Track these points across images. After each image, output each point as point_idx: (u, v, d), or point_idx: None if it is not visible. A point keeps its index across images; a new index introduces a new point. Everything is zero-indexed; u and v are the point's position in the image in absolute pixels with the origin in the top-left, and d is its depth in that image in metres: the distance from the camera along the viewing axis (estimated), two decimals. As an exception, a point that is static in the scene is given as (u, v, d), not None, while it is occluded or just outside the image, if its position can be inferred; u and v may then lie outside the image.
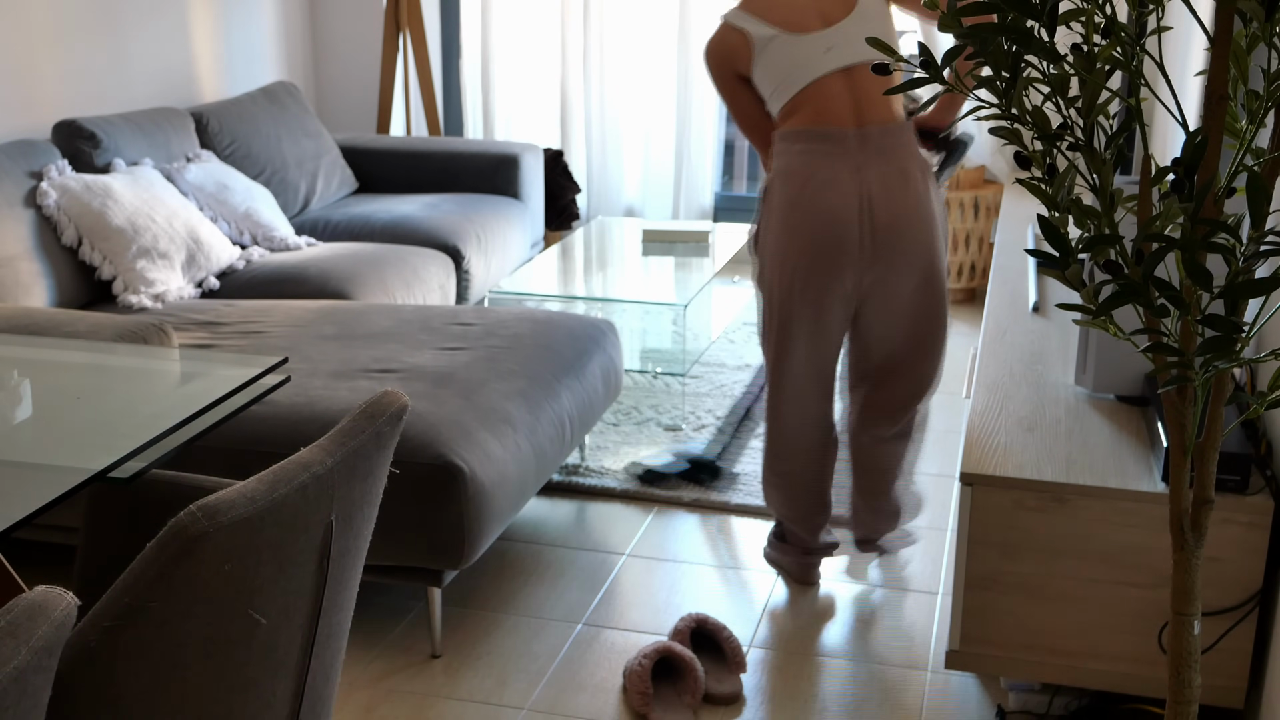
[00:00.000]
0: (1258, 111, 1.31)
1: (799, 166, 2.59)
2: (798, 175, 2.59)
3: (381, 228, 4.32)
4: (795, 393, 2.74)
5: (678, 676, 2.53)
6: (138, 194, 3.62)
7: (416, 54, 5.29)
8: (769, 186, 2.67)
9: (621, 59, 5.58)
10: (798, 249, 2.60)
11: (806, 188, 2.58)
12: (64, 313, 2.79)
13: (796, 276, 2.62)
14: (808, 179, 2.58)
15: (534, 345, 3.07)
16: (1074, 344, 2.77)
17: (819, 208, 2.56)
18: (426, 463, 2.49)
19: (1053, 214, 1.35)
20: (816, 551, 2.91)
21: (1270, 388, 1.31)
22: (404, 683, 2.55)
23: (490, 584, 2.93)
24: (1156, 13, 1.32)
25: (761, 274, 2.71)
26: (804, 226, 2.58)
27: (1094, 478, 2.20)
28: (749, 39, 2.62)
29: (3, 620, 1.04)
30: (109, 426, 1.92)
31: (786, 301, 2.65)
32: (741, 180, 6.20)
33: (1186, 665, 1.47)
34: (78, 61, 4.10)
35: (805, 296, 2.63)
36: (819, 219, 2.57)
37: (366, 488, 1.54)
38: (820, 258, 2.59)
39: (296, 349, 2.99)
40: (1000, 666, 2.31)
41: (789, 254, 2.61)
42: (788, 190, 2.60)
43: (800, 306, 2.64)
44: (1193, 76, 3.05)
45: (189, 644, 1.32)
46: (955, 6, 1.31)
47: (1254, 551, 2.13)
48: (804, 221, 2.58)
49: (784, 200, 2.61)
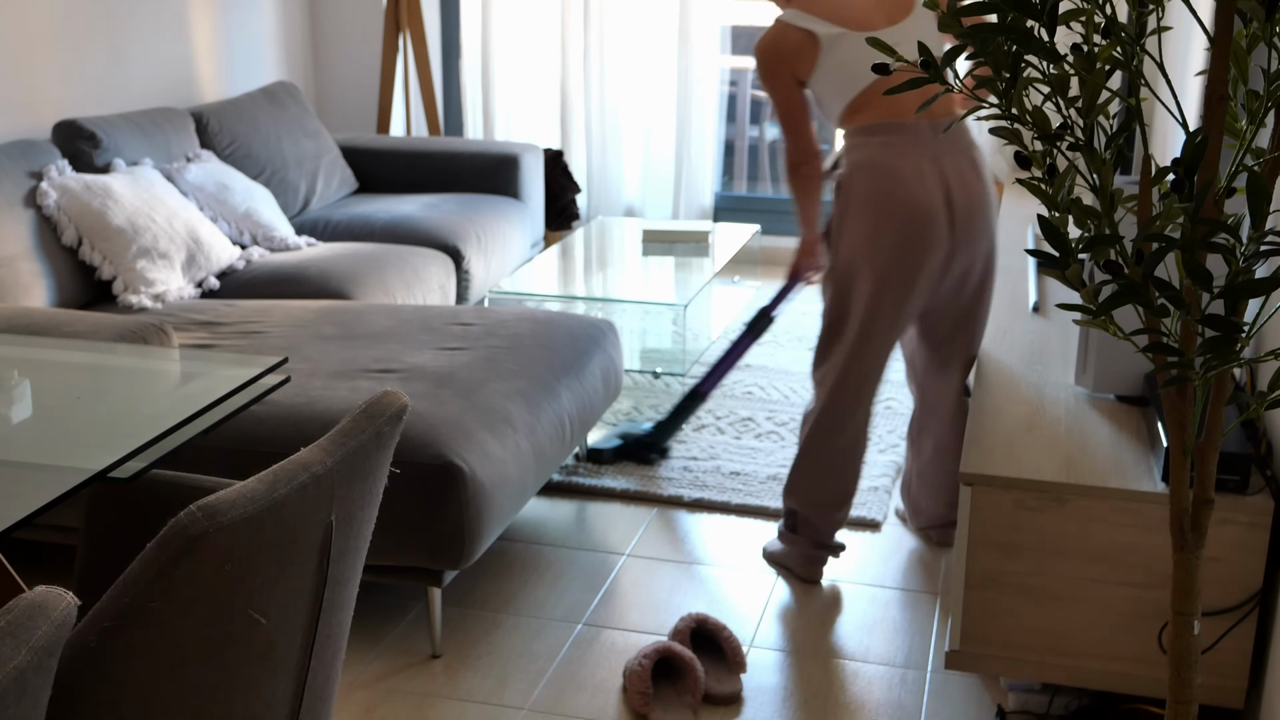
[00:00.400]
0: (1258, 111, 1.31)
1: (882, 159, 2.68)
2: (882, 167, 2.68)
3: (381, 228, 4.32)
4: (869, 371, 2.79)
5: (678, 676, 2.53)
6: (138, 194, 3.62)
7: (416, 54, 5.29)
8: (847, 181, 2.72)
9: (621, 59, 5.58)
10: (893, 237, 2.68)
11: (894, 179, 2.67)
12: (64, 313, 2.79)
13: (891, 262, 2.69)
14: (893, 170, 2.67)
15: (534, 345, 3.07)
16: (1074, 344, 2.77)
17: (910, 197, 2.66)
18: (426, 463, 2.49)
19: (1053, 214, 1.35)
20: (827, 547, 2.93)
21: (1270, 388, 1.31)
22: (404, 683, 2.55)
23: (490, 584, 2.93)
24: (1156, 13, 1.32)
25: (838, 263, 2.75)
26: (899, 215, 2.67)
27: (1094, 478, 2.20)
28: (816, 38, 2.68)
29: (3, 620, 1.04)
30: (109, 426, 1.92)
31: (878, 286, 2.71)
32: (741, 180, 6.19)
33: (1186, 665, 1.48)
34: (78, 61, 4.10)
35: (899, 280, 2.70)
36: (911, 207, 2.67)
37: (366, 488, 1.54)
38: (915, 243, 2.68)
39: (296, 349, 2.99)
40: (1000, 666, 2.31)
41: (883, 241, 2.68)
42: (875, 182, 2.68)
43: (893, 289, 2.71)
44: (1193, 76, 3.05)
45: (189, 644, 1.32)
46: (955, 6, 1.31)
47: (1254, 551, 2.13)
48: (899, 210, 2.67)
49: (873, 191, 2.69)
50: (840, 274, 2.76)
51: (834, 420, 2.84)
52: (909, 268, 2.69)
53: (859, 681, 2.57)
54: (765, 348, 4.53)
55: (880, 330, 2.75)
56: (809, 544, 2.93)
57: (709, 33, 5.50)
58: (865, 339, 2.75)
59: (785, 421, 3.83)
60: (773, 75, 2.75)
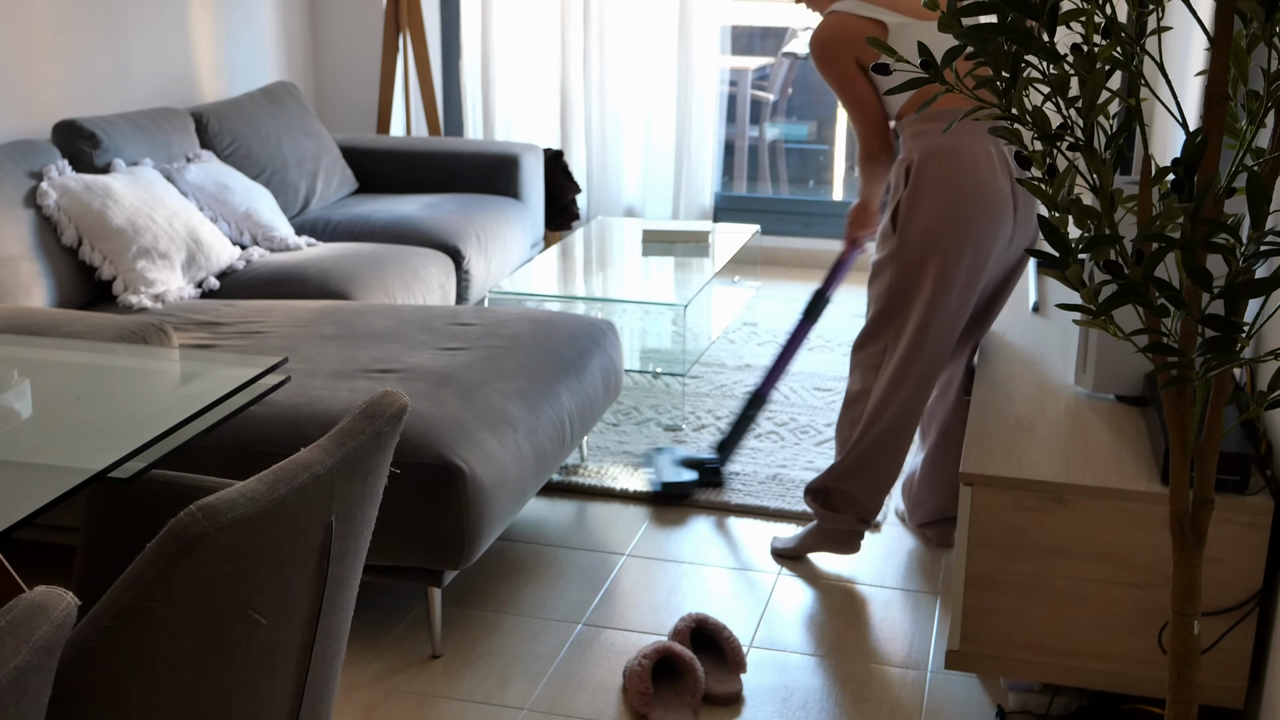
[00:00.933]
0: (1258, 111, 1.31)
1: (956, 145, 2.72)
2: (956, 152, 2.72)
3: (381, 228, 4.32)
4: (936, 351, 2.81)
5: (678, 676, 2.53)
6: (138, 194, 3.62)
7: (416, 54, 5.29)
8: (919, 166, 2.74)
9: (621, 59, 5.58)
10: (969, 219, 2.72)
11: (969, 163, 2.71)
12: (64, 313, 2.79)
13: (965, 243, 2.73)
14: (968, 155, 2.72)
15: (534, 345, 3.07)
16: (1074, 344, 2.77)
17: (984, 182, 2.72)
18: (426, 463, 2.49)
19: (1053, 214, 1.35)
20: (868, 523, 2.97)
21: (1270, 388, 1.31)
22: (404, 683, 2.55)
23: (490, 584, 2.93)
24: (1156, 13, 1.32)
25: (907, 245, 2.77)
26: (975, 198, 2.71)
27: (1094, 478, 2.20)
28: (885, 27, 2.73)
29: (3, 620, 1.04)
30: (109, 426, 1.92)
31: (950, 267, 2.74)
32: (741, 180, 6.19)
33: (1186, 665, 1.48)
34: (78, 61, 4.10)
35: (971, 261, 2.75)
36: (986, 191, 2.72)
37: (366, 488, 1.54)
38: (989, 226, 2.73)
39: (296, 349, 2.99)
40: (1000, 666, 2.31)
41: (959, 224, 2.72)
42: (950, 167, 2.72)
43: (965, 269, 2.75)
44: (1193, 76, 3.05)
45: (189, 644, 1.32)
46: (955, 6, 1.31)
47: (1254, 551, 2.12)
48: (975, 194, 2.71)
49: (949, 175, 2.72)
50: (910, 255, 2.77)
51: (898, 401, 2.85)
52: (983, 250, 2.75)
53: (859, 681, 2.57)
54: (765, 348, 4.53)
55: (949, 311, 2.78)
56: (853, 520, 2.95)
57: (709, 33, 5.50)
58: (930, 320, 2.78)
59: (785, 422, 3.83)
60: (833, 65, 2.78)
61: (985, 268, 2.78)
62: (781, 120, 6.59)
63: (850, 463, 2.92)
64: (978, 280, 2.79)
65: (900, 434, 2.88)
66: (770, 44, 6.58)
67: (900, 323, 2.81)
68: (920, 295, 2.77)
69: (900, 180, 2.78)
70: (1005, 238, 2.78)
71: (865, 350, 2.89)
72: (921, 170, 2.74)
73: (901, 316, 2.81)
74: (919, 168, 2.74)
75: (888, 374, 2.84)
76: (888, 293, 2.82)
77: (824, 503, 2.97)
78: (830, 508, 2.96)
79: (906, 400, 2.84)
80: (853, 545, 2.98)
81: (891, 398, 2.84)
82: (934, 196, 2.73)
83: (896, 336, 2.82)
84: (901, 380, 2.83)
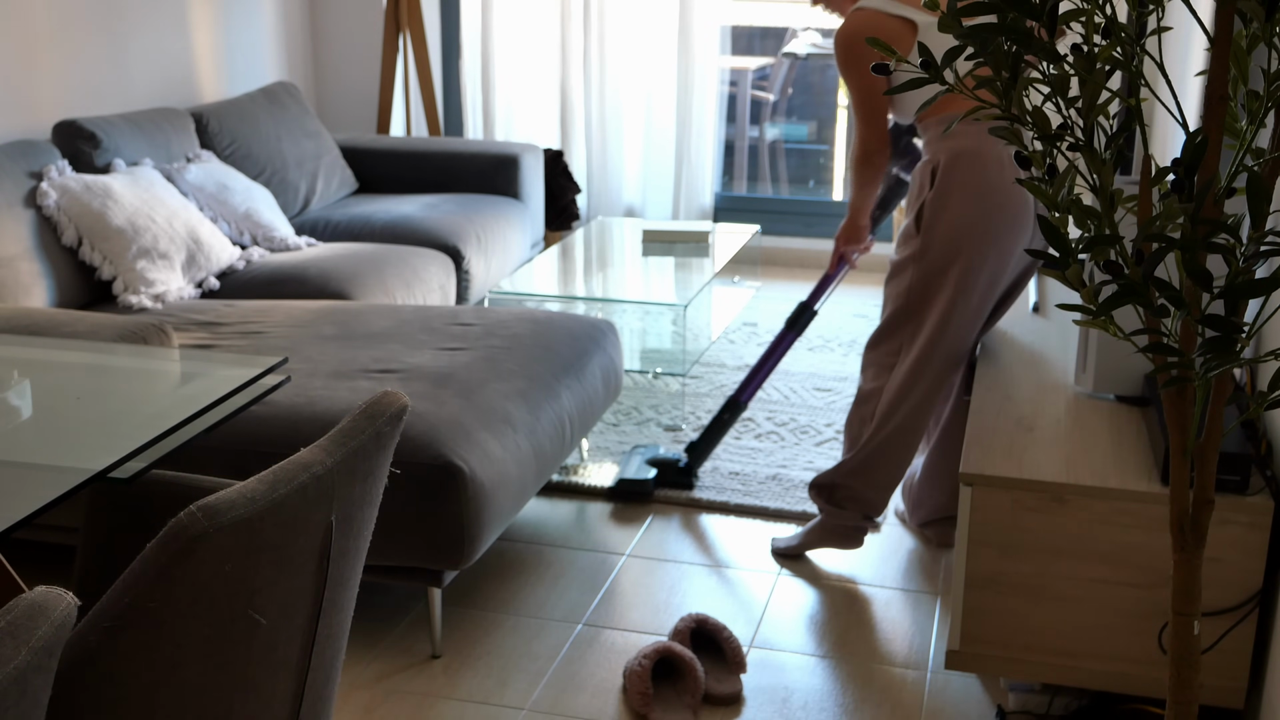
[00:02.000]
0: (1258, 111, 1.31)
1: (984, 147, 2.72)
2: (984, 155, 2.72)
3: (381, 228, 4.32)
4: (955, 352, 2.82)
5: (678, 677, 2.53)
6: (138, 194, 3.62)
7: (416, 54, 5.29)
8: (946, 168, 2.74)
9: (621, 59, 5.58)
10: (998, 220, 2.73)
11: (997, 165, 2.72)
12: (64, 313, 2.79)
13: (992, 244, 2.74)
14: (996, 158, 2.72)
15: (534, 345, 3.07)
16: (1074, 344, 2.77)
17: (1009, 184, 2.73)
18: (426, 463, 2.49)
19: (1053, 214, 1.35)
20: (871, 520, 2.99)
21: (1270, 388, 1.31)
22: (404, 683, 2.55)
23: (490, 584, 2.93)
24: (1156, 13, 1.32)
25: (933, 245, 2.76)
26: (1004, 200, 2.72)
27: (1094, 478, 2.20)
28: (914, 25, 2.72)
29: (3, 620, 1.04)
30: (109, 426, 1.92)
31: (975, 267, 2.75)
32: (741, 180, 6.20)
33: (1186, 665, 1.48)
34: (78, 61, 4.10)
35: (997, 261, 2.76)
36: (1011, 193, 2.73)
37: (366, 488, 1.54)
38: (1015, 227, 2.75)
39: (296, 349, 2.99)
40: (1000, 666, 2.31)
41: (989, 224, 2.73)
42: (979, 169, 2.72)
43: (990, 270, 2.76)
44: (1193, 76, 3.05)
45: (189, 644, 1.32)
46: (955, 6, 1.31)
47: (1254, 552, 2.12)
48: (1005, 196, 2.72)
49: (979, 177, 2.72)
50: (934, 257, 2.77)
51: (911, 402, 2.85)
52: (1005, 254, 2.76)
53: (859, 681, 2.57)
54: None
55: (968, 313, 2.78)
56: (858, 516, 2.96)
57: (709, 33, 5.50)
58: (948, 322, 2.78)
59: (785, 422, 3.83)
60: (863, 62, 2.77)
61: (1006, 271, 2.79)
62: (781, 120, 6.60)
63: (860, 460, 2.92)
64: (999, 284, 2.79)
65: (911, 434, 2.88)
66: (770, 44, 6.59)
67: (917, 323, 2.81)
68: (940, 297, 2.77)
69: (925, 181, 2.78)
70: (1025, 240, 2.79)
71: (879, 349, 2.89)
72: (949, 173, 2.73)
73: (919, 317, 2.81)
74: (946, 170, 2.74)
75: (901, 373, 2.84)
76: (907, 293, 2.82)
77: (829, 499, 2.97)
78: (835, 504, 2.96)
79: (919, 401, 2.84)
80: (856, 541, 2.99)
81: (904, 397, 2.84)
82: (961, 200, 2.72)
83: (913, 337, 2.82)
84: (916, 380, 2.83)
